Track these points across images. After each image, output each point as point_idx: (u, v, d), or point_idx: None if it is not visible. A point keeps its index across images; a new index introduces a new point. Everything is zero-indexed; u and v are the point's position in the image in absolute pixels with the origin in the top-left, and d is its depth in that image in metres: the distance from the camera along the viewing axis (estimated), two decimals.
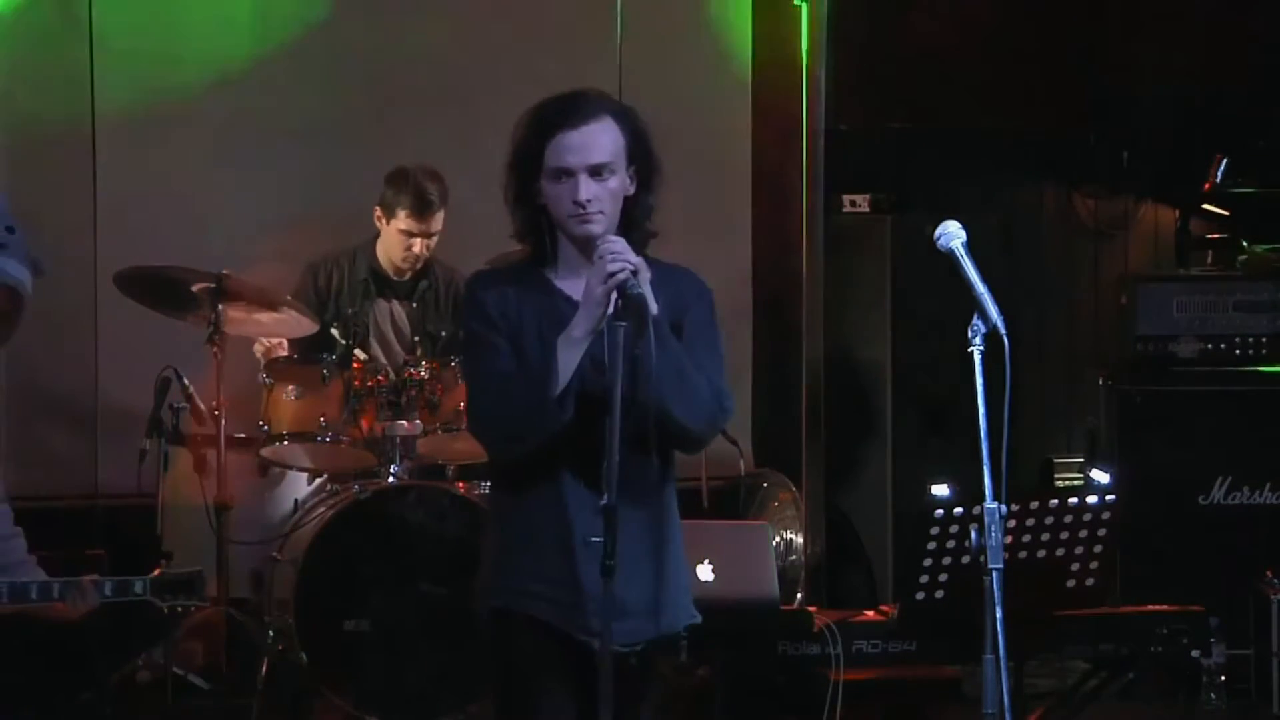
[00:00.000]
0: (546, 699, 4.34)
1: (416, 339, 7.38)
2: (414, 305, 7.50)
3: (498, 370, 4.28)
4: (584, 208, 4.24)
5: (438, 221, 7.40)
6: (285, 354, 7.29)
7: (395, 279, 7.52)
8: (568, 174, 4.25)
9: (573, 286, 4.32)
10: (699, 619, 4.46)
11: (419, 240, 7.41)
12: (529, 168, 4.29)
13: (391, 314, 7.53)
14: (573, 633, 4.31)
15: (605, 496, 4.10)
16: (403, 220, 7.39)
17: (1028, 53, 8.65)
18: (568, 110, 4.28)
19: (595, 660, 4.22)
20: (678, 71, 8.36)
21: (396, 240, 7.43)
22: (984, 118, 8.63)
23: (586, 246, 4.27)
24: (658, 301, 4.18)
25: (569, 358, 4.18)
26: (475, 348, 4.37)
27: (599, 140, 4.26)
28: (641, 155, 4.32)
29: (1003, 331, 4.25)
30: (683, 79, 8.35)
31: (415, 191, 7.35)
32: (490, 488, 4.51)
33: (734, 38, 8.53)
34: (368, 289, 7.50)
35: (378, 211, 7.44)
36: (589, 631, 4.28)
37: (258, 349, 7.22)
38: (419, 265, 7.49)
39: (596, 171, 4.25)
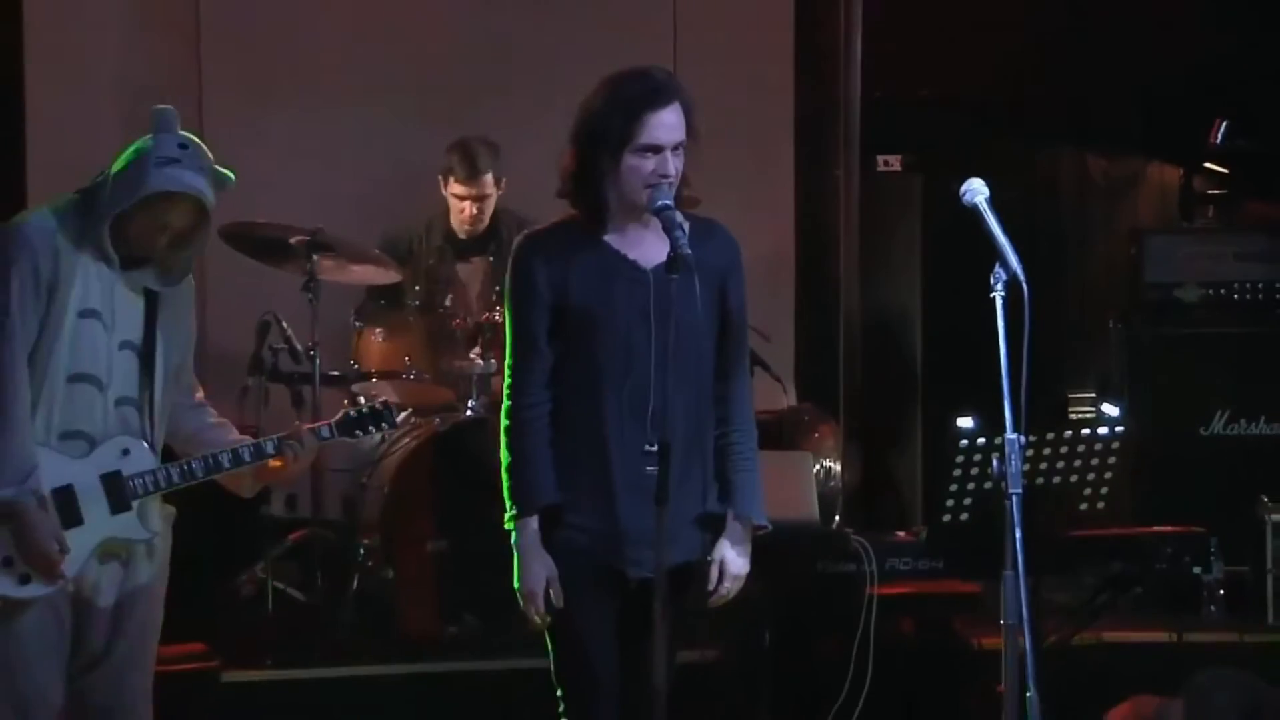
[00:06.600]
0: (586, 619, 4.58)
1: (497, 289, 7.41)
2: (490, 260, 7.65)
3: (522, 381, 4.62)
4: (667, 178, 4.50)
5: (487, 185, 7.56)
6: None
7: (467, 240, 7.71)
8: (656, 150, 4.49)
9: (620, 242, 4.58)
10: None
11: (469, 203, 7.58)
12: (615, 142, 4.49)
13: (473, 272, 7.72)
14: (612, 562, 4.56)
15: (655, 435, 4.44)
16: (453, 184, 7.58)
17: (1044, 27, 8.74)
18: (654, 90, 4.51)
19: (627, 586, 4.55)
20: (727, 43, 8.50)
21: (453, 204, 7.64)
22: (1006, 86, 8.73)
23: (638, 209, 4.54)
24: (699, 259, 4.39)
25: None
26: (514, 326, 4.64)
27: (680, 120, 4.52)
28: (690, 130, 4.57)
29: (1022, 279, 4.32)
30: (732, 49, 8.49)
31: (464, 156, 7.54)
32: None
33: (778, 11, 8.66)
34: (444, 254, 7.70)
35: (440, 179, 7.66)
36: (624, 560, 4.55)
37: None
38: (474, 226, 7.64)
39: (677, 147, 4.53)
